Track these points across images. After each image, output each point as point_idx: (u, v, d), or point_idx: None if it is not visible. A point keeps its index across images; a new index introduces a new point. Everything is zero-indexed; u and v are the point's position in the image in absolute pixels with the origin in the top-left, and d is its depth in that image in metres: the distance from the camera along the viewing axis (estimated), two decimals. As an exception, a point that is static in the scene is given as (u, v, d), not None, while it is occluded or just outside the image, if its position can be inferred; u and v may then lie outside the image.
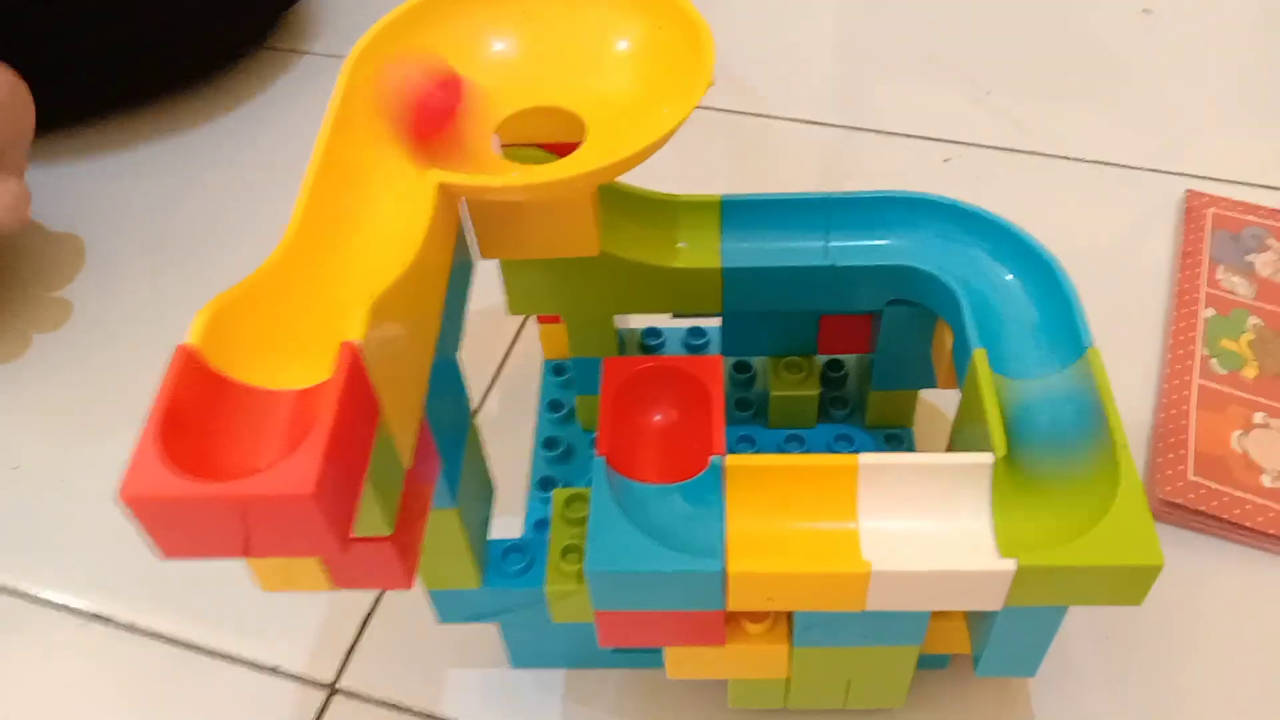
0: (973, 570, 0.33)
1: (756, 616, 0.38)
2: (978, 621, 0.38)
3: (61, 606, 0.50)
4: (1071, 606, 0.35)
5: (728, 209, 0.43)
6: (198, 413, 0.26)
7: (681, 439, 0.39)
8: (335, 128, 0.34)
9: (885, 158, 0.70)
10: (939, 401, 0.54)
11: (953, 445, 0.41)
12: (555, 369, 0.55)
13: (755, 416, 0.52)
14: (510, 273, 0.44)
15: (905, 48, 0.78)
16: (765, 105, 0.74)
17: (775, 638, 0.38)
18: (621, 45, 0.38)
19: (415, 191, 0.33)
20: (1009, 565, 0.32)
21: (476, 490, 0.40)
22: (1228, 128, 0.70)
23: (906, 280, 0.42)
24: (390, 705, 0.45)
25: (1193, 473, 0.49)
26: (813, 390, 0.49)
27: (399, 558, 0.31)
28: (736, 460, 0.36)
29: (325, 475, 0.24)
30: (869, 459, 0.35)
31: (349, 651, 0.47)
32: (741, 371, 0.52)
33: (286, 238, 0.30)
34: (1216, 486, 0.49)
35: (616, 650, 0.44)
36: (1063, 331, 0.38)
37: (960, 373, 0.40)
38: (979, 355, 0.37)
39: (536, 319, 0.55)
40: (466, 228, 0.38)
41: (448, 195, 0.34)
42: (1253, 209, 0.62)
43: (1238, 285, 0.58)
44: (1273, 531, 0.48)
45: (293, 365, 0.28)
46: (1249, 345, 0.55)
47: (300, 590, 0.31)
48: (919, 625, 0.37)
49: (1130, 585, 0.33)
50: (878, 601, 0.34)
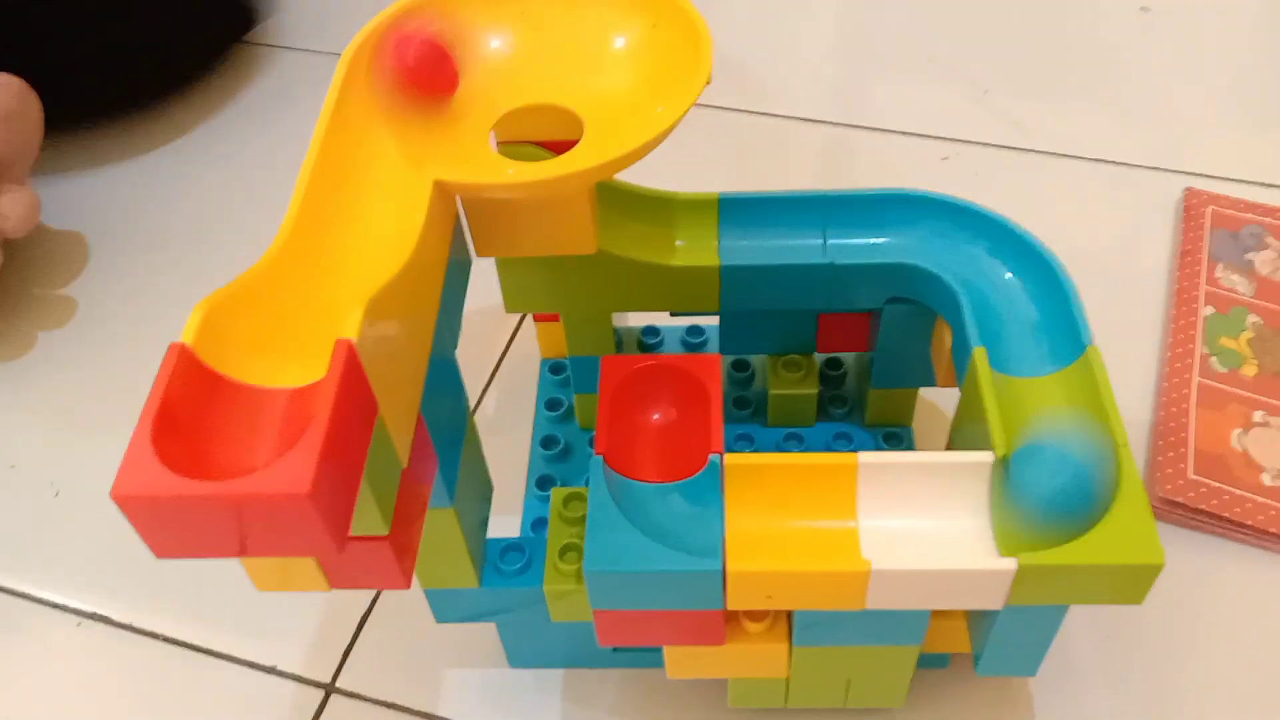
0: (973, 569, 0.33)
1: (756, 615, 0.38)
2: (978, 621, 0.38)
3: (59, 606, 0.49)
4: (1071, 605, 0.35)
5: (725, 207, 0.43)
6: (192, 411, 0.26)
7: (680, 438, 0.39)
8: (331, 125, 0.34)
9: (884, 156, 0.70)
10: (938, 400, 0.54)
11: (952, 444, 0.41)
12: (553, 368, 0.55)
13: (754, 415, 0.52)
14: (507, 271, 0.44)
15: (904, 46, 0.78)
16: (764, 103, 0.74)
17: (775, 637, 0.38)
18: (619, 42, 0.38)
19: (411, 188, 0.33)
20: (1010, 564, 0.32)
21: (474, 489, 0.39)
22: (1226, 126, 0.70)
23: (906, 278, 0.42)
24: (388, 705, 0.45)
25: (1193, 471, 0.49)
26: (811, 389, 0.49)
27: (396, 557, 0.31)
28: (735, 459, 0.35)
29: (321, 474, 0.24)
30: (869, 458, 0.35)
31: (346, 651, 0.47)
32: (740, 370, 0.52)
33: (281, 234, 0.30)
34: (1216, 485, 0.49)
35: (616, 650, 0.44)
36: (1062, 330, 0.38)
37: (960, 371, 0.39)
38: (979, 353, 0.37)
39: (534, 317, 0.55)
40: (463, 226, 0.38)
41: (444, 192, 0.34)
42: (1252, 207, 0.62)
43: (1237, 283, 0.58)
44: (1273, 530, 0.47)
45: (288, 363, 0.28)
46: (1248, 343, 0.55)
47: (297, 590, 0.31)
48: (919, 624, 0.37)
49: (1131, 584, 0.33)
50: (878, 600, 0.34)
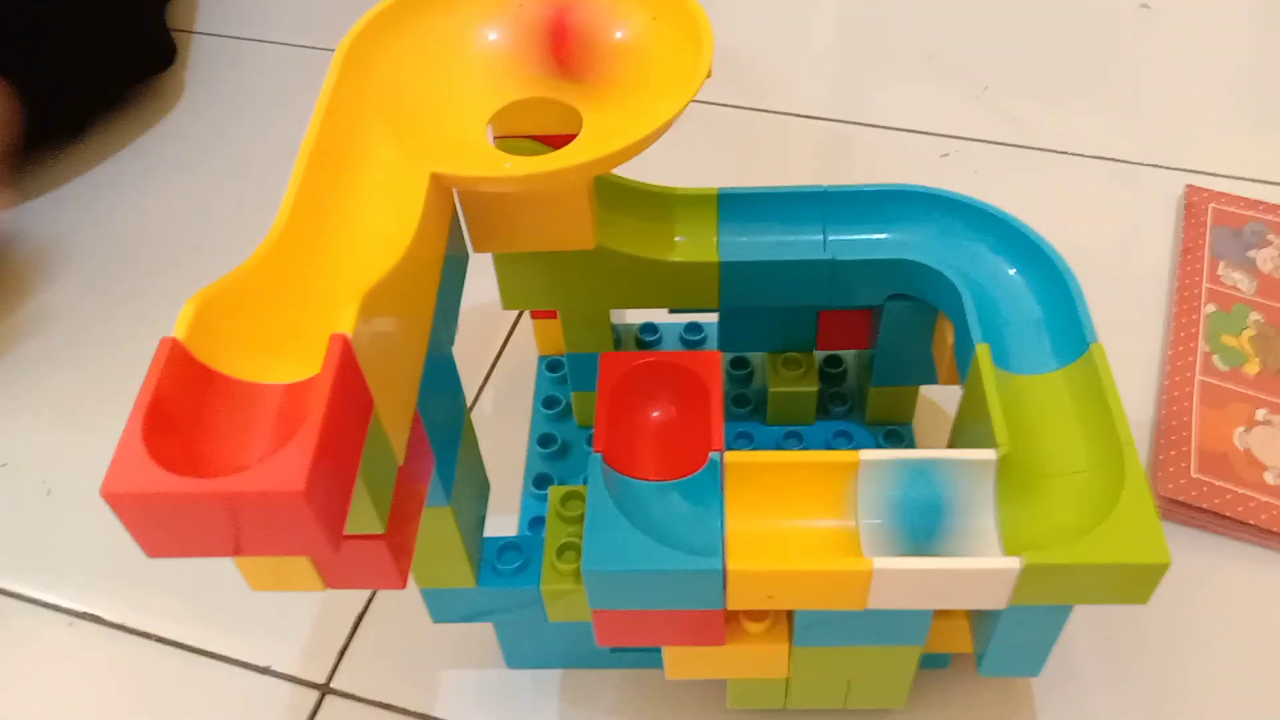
0: (977, 569, 0.32)
1: (756, 615, 0.37)
2: (980, 620, 0.38)
3: (51, 605, 0.49)
4: (1073, 605, 0.35)
5: (725, 202, 0.43)
6: (184, 407, 0.25)
7: (679, 435, 0.38)
8: (326, 119, 0.33)
9: (884, 153, 0.69)
10: (938, 398, 0.53)
11: (954, 442, 0.41)
12: (550, 365, 0.55)
13: (753, 413, 0.51)
14: (504, 267, 0.43)
15: (904, 44, 0.78)
16: (764, 100, 0.74)
17: (775, 637, 0.37)
18: (618, 35, 0.38)
19: (408, 182, 0.32)
20: (1014, 564, 0.32)
21: (471, 488, 0.39)
22: (1227, 123, 0.70)
23: (907, 274, 0.42)
24: (384, 706, 0.45)
25: (1195, 470, 0.49)
26: (811, 386, 0.49)
27: (392, 557, 0.30)
28: (735, 457, 0.35)
29: (316, 472, 0.24)
30: (870, 455, 0.35)
31: (341, 651, 0.47)
32: (739, 368, 0.52)
33: (275, 228, 0.30)
34: (1219, 484, 0.48)
35: (614, 650, 0.44)
36: (1066, 327, 0.38)
37: (962, 368, 0.39)
38: (982, 350, 0.37)
39: (531, 314, 0.55)
40: (460, 221, 0.37)
41: (440, 186, 0.33)
42: (1253, 204, 0.62)
43: (1239, 281, 0.58)
44: (1276, 529, 0.47)
45: (282, 359, 0.27)
46: (1250, 341, 0.55)
47: (291, 590, 0.31)
48: (921, 624, 0.36)
49: (1136, 583, 0.32)
50: (880, 600, 0.33)
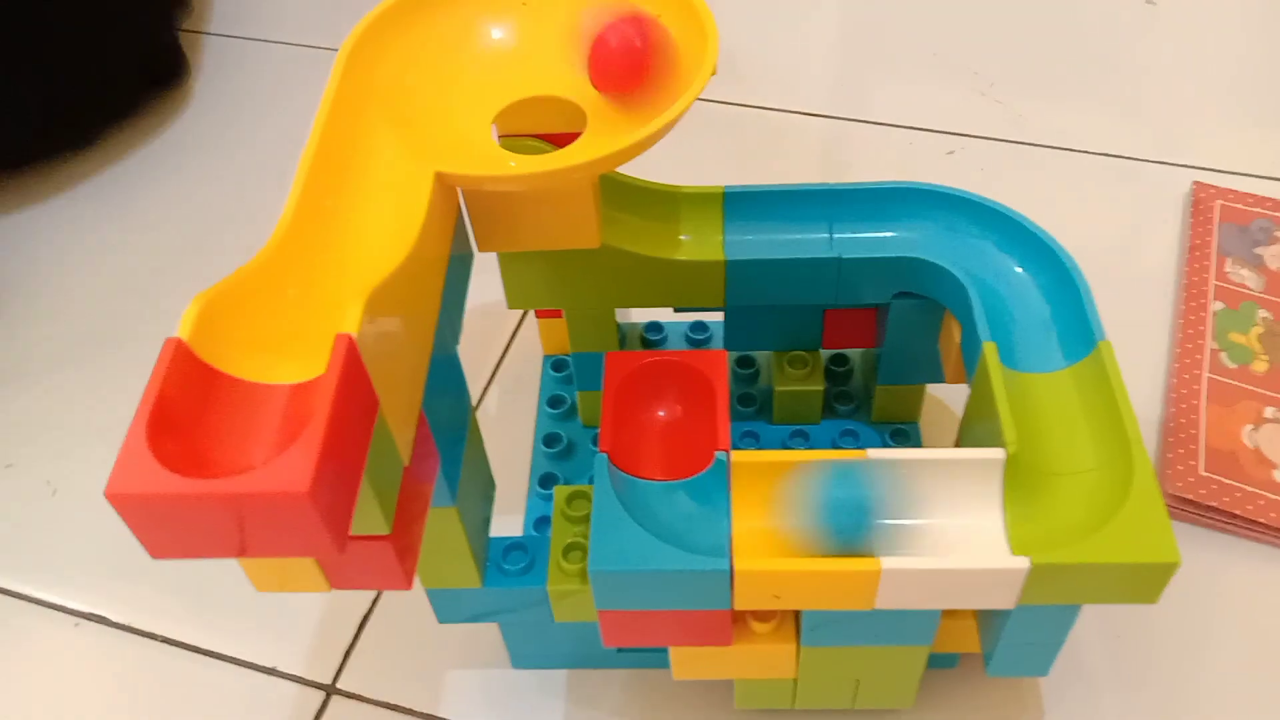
0: (985, 568, 0.32)
1: (763, 616, 0.37)
2: (989, 620, 0.37)
3: (56, 606, 0.49)
4: (1082, 605, 0.34)
5: (731, 200, 0.43)
6: (189, 407, 0.25)
7: (685, 435, 0.38)
8: (329, 118, 0.33)
9: (888, 151, 0.69)
10: (944, 396, 0.53)
11: (961, 440, 0.40)
12: (555, 364, 0.55)
13: (759, 412, 0.51)
14: (509, 266, 0.43)
15: (908, 41, 0.78)
16: (768, 98, 0.73)
17: (782, 637, 0.37)
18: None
19: (412, 181, 0.32)
20: (1022, 563, 0.31)
21: (476, 488, 0.39)
22: (1234, 119, 0.70)
23: (914, 272, 0.41)
24: (389, 706, 0.45)
25: (1203, 468, 0.49)
26: (817, 385, 0.49)
27: (398, 557, 0.30)
28: (741, 457, 0.35)
29: (321, 472, 0.24)
30: (878, 454, 0.34)
31: (347, 652, 0.46)
32: (745, 367, 0.52)
33: (279, 228, 0.30)
34: (1228, 482, 0.48)
35: (620, 650, 0.43)
36: (1073, 325, 0.38)
37: (969, 367, 0.39)
38: (989, 348, 0.36)
39: (536, 314, 0.55)
40: (465, 221, 0.37)
41: (445, 185, 0.33)
42: (1261, 201, 0.62)
43: (1247, 278, 0.57)
44: (1285, 527, 0.47)
45: (287, 359, 0.27)
46: (1258, 339, 0.54)
47: (296, 591, 0.31)
48: (929, 624, 0.36)
49: (1146, 583, 0.32)
50: (887, 600, 0.33)
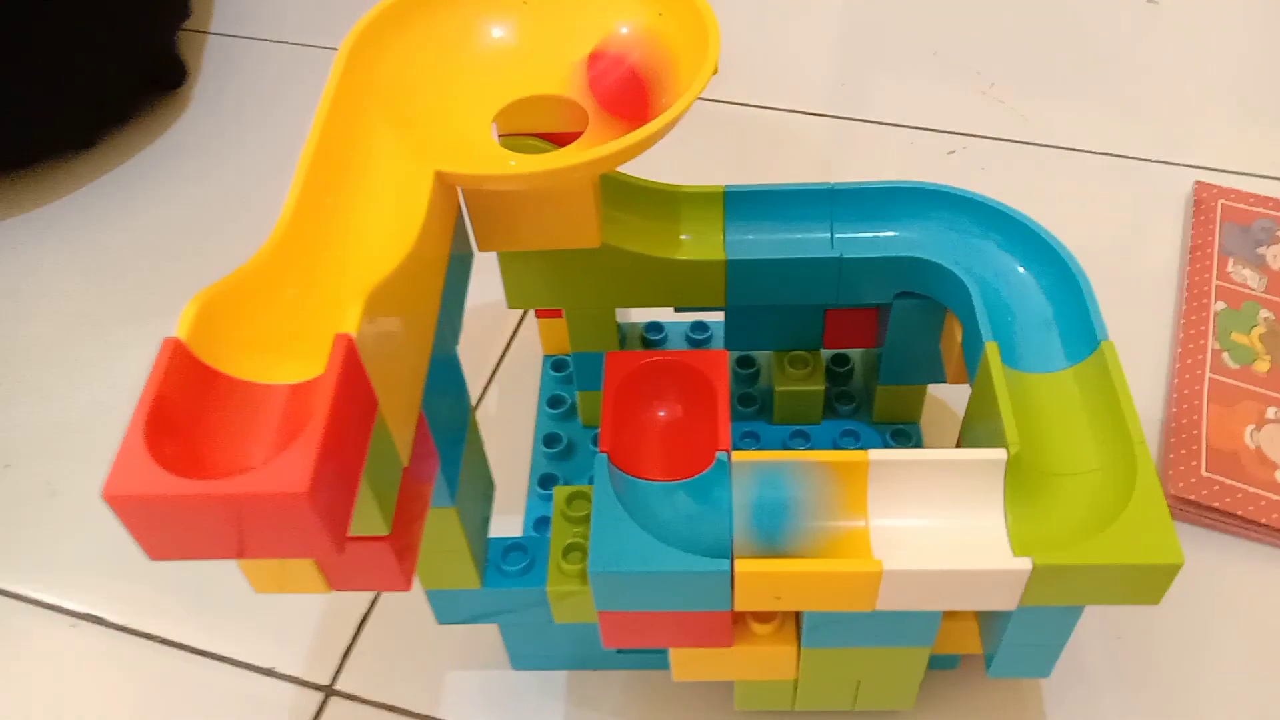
0: (987, 569, 0.32)
1: (764, 617, 0.37)
2: (990, 621, 0.37)
3: (53, 607, 0.49)
4: (1084, 606, 0.34)
5: (731, 200, 0.43)
6: (187, 408, 0.25)
7: (686, 435, 0.38)
8: (329, 118, 0.33)
9: (889, 150, 0.69)
10: (946, 396, 0.53)
11: (963, 441, 0.40)
12: (555, 364, 0.55)
13: (760, 412, 0.51)
14: (509, 266, 0.43)
15: (909, 40, 0.77)
16: (769, 98, 0.73)
17: (783, 638, 0.37)
18: (623, 31, 0.37)
19: (412, 180, 0.32)
20: (1024, 564, 0.31)
21: (476, 488, 0.39)
22: (1235, 119, 0.70)
23: (915, 272, 0.41)
24: (388, 708, 0.44)
25: (1205, 468, 0.49)
26: (818, 385, 0.48)
27: (397, 558, 0.30)
28: (742, 457, 0.35)
29: (320, 473, 0.24)
30: (879, 455, 0.34)
31: (345, 653, 0.46)
32: (745, 367, 0.52)
33: (278, 228, 0.29)
34: (1230, 482, 0.48)
35: (620, 651, 0.43)
36: (1076, 325, 0.37)
37: (971, 367, 0.39)
38: (991, 348, 0.36)
39: (536, 313, 0.54)
40: (465, 220, 0.37)
41: (445, 184, 0.33)
42: (1263, 200, 0.62)
43: (1249, 278, 0.57)
44: (1287, 528, 0.47)
45: (286, 359, 0.27)
46: (1260, 339, 0.54)
47: (295, 592, 0.31)
48: (930, 625, 0.36)
49: (1149, 584, 0.32)
50: (889, 601, 0.33)
